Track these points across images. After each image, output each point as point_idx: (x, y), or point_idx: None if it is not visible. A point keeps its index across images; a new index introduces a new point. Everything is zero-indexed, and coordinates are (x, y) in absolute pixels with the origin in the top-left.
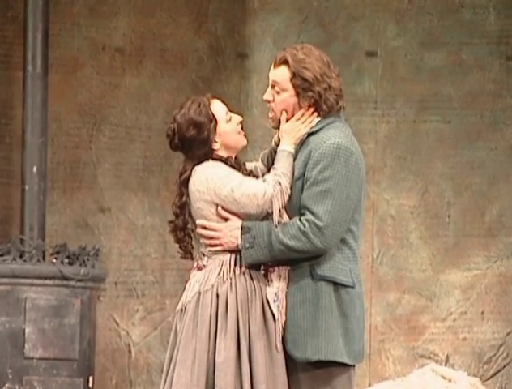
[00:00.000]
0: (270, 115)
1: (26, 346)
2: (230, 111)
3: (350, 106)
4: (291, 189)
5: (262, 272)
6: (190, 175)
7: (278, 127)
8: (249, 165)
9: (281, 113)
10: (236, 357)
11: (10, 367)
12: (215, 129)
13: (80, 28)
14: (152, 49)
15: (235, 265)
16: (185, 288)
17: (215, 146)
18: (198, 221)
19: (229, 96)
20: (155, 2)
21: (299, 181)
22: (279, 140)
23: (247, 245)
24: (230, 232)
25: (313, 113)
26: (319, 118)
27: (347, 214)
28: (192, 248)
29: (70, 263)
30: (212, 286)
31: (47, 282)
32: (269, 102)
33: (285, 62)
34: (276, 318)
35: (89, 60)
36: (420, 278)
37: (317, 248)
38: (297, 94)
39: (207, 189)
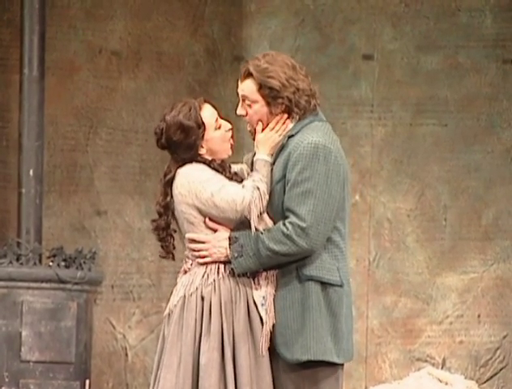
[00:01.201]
0: (248, 128)
1: (22, 349)
2: (221, 117)
3: (346, 109)
4: (271, 193)
5: (250, 275)
6: (174, 177)
7: None
8: (235, 167)
9: (257, 124)
10: (220, 359)
11: (7, 370)
12: (203, 135)
13: (77, 31)
14: (149, 52)
15: (219, 267)
16: (171, 293)
17: (201, 151)
18: (187, 235)
19: (226, 100)
20: (152, 6)
21: (280, 183)
22: None
23: (236, 255)
24: (218, 242)
25: (285, 120)
26: (294, 123)
27: (330, 212)
28: (174, 248)
29: (67, 266)
30: (197, 289)
31: (43, 285)
32: (244, 116)
33: (250, 75)
34: (264, 321)
35: (86, 63)
36: (417, 281)
37: (304, 249)
38: (268, 103)
39: (189, 192)
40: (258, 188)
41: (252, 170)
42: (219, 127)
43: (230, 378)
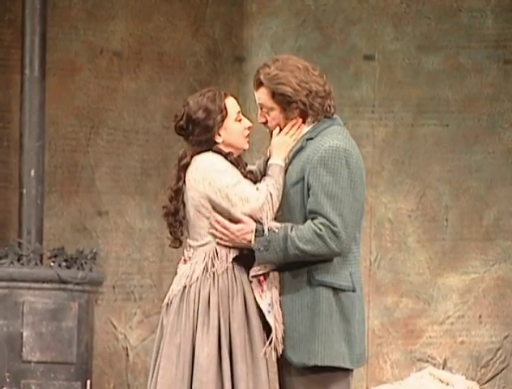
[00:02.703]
0: (269, 131)
1: (24, 349)
2: (243, 115)
3: (348, 110)
4: (286, 194)
5: (253, 280)
6: (190, 162)
7: None
8: (250, 167)
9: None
10: (217, 354)
11: (8, 371)
12: (223, 121)
13: (78, 32)
14: (150, 52)
15: (219, 260)
16: (172, 282)
17: (218, 139)
18: (217, 217)
19: None
20: (153, 6)
21: (297, 185)
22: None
23: (261, 249)
24: (243, 235)
25: (300, 124)
26: (310, 125)
27: (356, 216)
28: (181, 235)
29: (68, 267)
30: (196, 280)
31: (45, 285)
32: (265, 124)
33: (262, 84)
34: (273, 327)
35: (87, 63)
36: (418, 281)
37: (334, 252)
38: (283, 109)
39: (203, 179)
40: (271, 194)
41: (265, 174)
42: (240, 121)
43: (227, 372)
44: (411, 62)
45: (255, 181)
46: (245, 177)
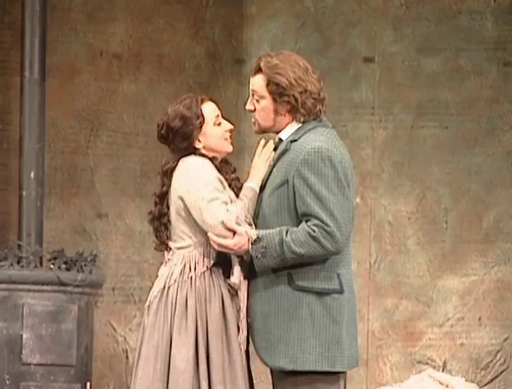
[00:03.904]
0: (253, 121)
1: (23, 352)
2: (224, 118)
3: (347, 112)
4: (270, 197)
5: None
6: (174, 166)
7: (261, 132)
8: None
9: (263, 120)
10: (194, 355)
11: (8, 373)
12: (201, 127)
13: (78, 34)
14: (150, 54)
15: (197, 263)
16: (153, 284)
17: (198, 144)
18: (212, 237)
19: (227, 102)
20: (153, 8)
21: (282, 187)
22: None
23: (259, 256)
24: (240, 248)
25: (269, 148)
26: (297, 125)
27: (348, 213)
28: (167, 239)
29: (68, 269)
30: (175, 281)
31: (44, 288)
32: (252, 111)
33: (260, 70)
34: (240, 329)
35: (86, 66)
36: (418, 284)
37: (330, 252)
38: (274, 100)
39: (184, 184)
40: (239, 219)
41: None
42: (219, 124)
43: (203, 375)
44: (411, 64)
45: (239, 188)
46: (230, 184)
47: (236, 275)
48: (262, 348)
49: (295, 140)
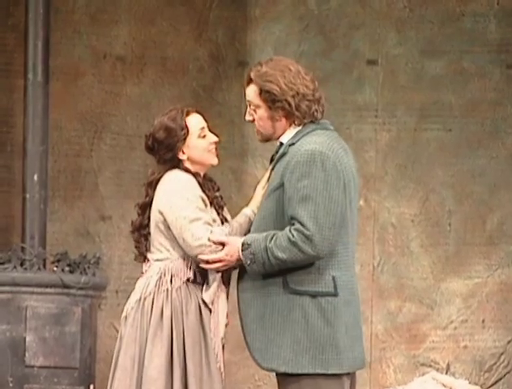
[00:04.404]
0: (256, 134)
1: (27, 354)
2: (210, 131)
3: (351, 114)
4: (267, 200)
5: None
6: (159, 178)
7: (265, 141)
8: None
9: (262, 129)
10: (167, 365)
11: (11, 376)
12: (185, 139)
13: (81, 37)
14: (153, 57)
15: (173, 276)
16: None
17: (182, 156)
18: (200, 256)
19: (230, 105)
20: (156, 11)
21: (277, 191)
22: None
23: (248, 262)
24: (231, 257)
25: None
26: (297, 129)
27: (334, 217)
28: (146, 250)
29: (71, 272)
30: (150, 293)
31: (48, 290)
32: (252, 122)
33: (251, 81)
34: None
35: (90, 68)
36: (421, 286)
37: (310, 255)
38: (269, 108)
39: (167, 200)
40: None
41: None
42: (204, 137)
43: (177, 383)
44: (415, 67)
45: (221, 206)
46: (211, 203)
47: (210, 293)
48: (255, 349)
49: (293, 144)
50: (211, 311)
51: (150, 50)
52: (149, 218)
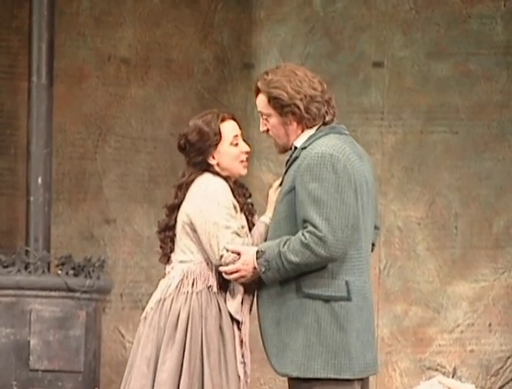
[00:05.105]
0: (274, 143)
1: (31, 358)
2: (244, 140)
3: (357, 117)
4: (279, 204)
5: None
6: (190, 181)
7: (284, 151)
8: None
9: (277, 137)
10: (178, 369)
11: (15, 379)
12: (217, 144)
13: (86, 39)
14: (158, 59)
15: (195, 279)
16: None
17: (212, 161)
18: (221, 269)
19: (235, 107)
20: (161, 13)
21: (289, 194)
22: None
23: (263, 270)
24: (248, 265)
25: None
26: (310, 132)
27: (346, 219)
28: (170, 251)
29: (76, 275)
30: (170, 295)
31: (52, 294)
32: (266, 132)
33: (259, 90)
34: (240, 377)
35: (94, 70)
36: (428, 290)
37: (324, 257)
38: (280, 115)
39: (198, 203)
40: None
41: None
42: (236, 145)
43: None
44: (421, 69)
45: (251, 213)
46: (242, 209)
47: (235, 304)
48: (272, 354)
49: (305, 147)
50: (233, 319)
51: (154, 52)
52: (176, 220)
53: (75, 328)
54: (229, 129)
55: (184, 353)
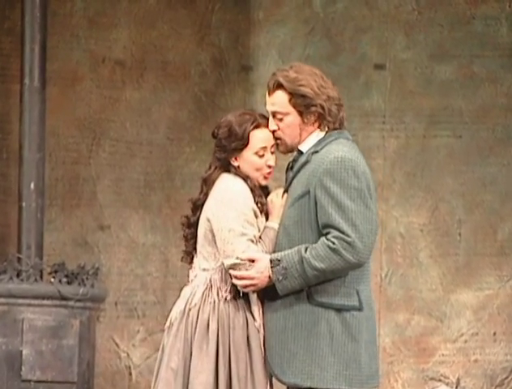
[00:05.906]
0: (277, 142)
1: (23, 368)
2: (272, 152)
3: (358, 121)
4: (290, 209)
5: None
6: (215, 178)
7: (287, 152)
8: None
9: (289, 137)
10: (213, 382)
11: None
12: (242, 149)
13: (79, 40)
14: (154, 61)
15: (219, 288)
16: (176, 302)
17: (234, 162)
18: (231, 272)
19: (233, 110)
20: (157, 14)
21: (303, 199)
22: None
23: (280, 278)
24: (261, 274)
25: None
26: (320, 135)
27: (370, 224)
28: (193, 249)
29: (69, 283)
30: (195, 304)
31: (45, 302)
32: (275, 131)
33: (279, 86)
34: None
35: (88, 73)
36: (430, 298)
37: (351, 263)
38: (300, 113)
39: (216, 208)
40: None
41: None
42: (262, 156)
43: None
44: (424, 72)
45: (267, 213)
46: (262, 210)
47: (256, 310)
48: (276, 364)
49: (316, 152)
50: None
51: (150, 54)
52: (199, 217)
53: (69, 337)
54: (259, 138)
55: (217, 365)
